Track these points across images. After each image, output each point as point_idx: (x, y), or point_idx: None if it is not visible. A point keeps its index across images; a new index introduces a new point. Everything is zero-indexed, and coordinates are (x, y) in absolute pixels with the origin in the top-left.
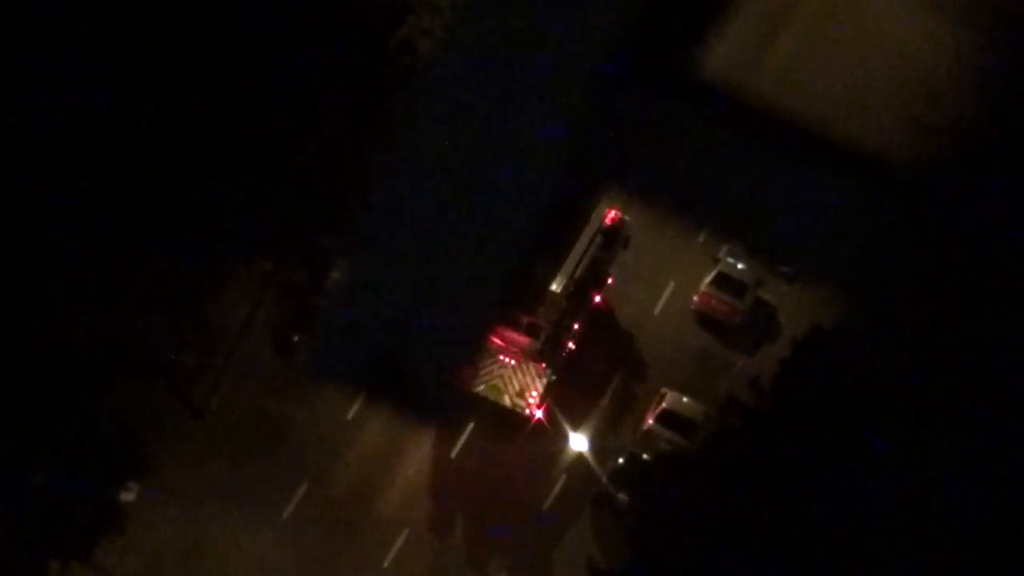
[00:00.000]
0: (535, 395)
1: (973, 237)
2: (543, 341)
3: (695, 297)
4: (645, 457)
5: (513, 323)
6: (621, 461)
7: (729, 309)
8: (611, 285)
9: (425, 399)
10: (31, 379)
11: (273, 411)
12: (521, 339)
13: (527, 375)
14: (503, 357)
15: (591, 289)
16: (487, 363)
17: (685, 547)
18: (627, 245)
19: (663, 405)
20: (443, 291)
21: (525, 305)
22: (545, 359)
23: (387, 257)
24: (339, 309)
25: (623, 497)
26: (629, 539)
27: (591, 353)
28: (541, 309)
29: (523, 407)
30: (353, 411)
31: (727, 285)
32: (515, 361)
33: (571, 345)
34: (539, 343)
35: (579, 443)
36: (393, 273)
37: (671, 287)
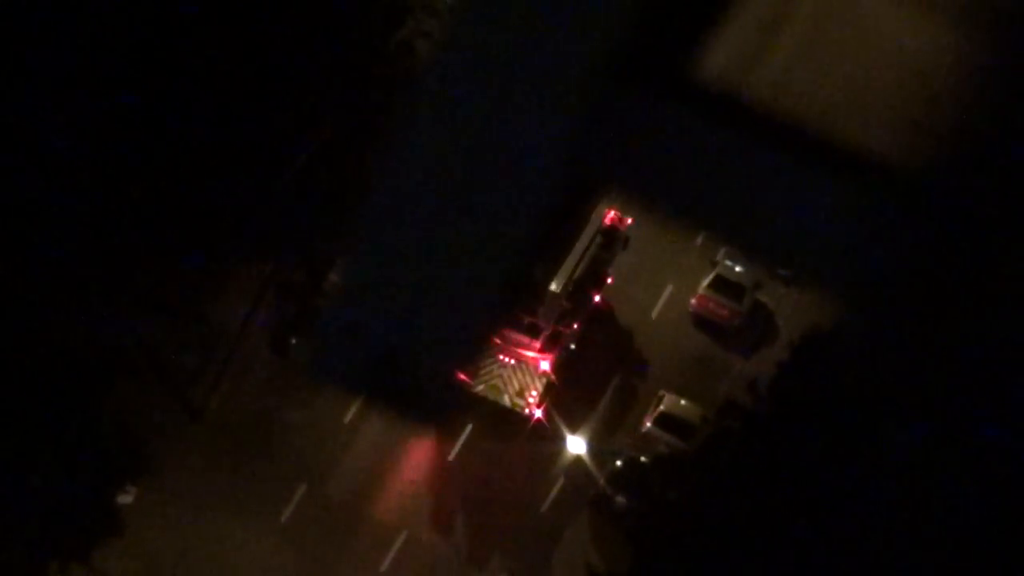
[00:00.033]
0: (535, 395)
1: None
2: (543, 341)
3: (693, 300)
4: (643, 460)
5: (513, 323)
6: (619, 464)
7: (727, 312)
8: (610, 285)
9: (424, 401)
10: (30, 380)
11: (272, 413)
12: (521, 339)
13: (526, 375)
14: (503, 357)
15: (591, 289)
16: (487, 363)
17: (683, 550)
18: (627, 245)
19: (661, 408)
20: (443, 292)
21: (525, 305)
22: (545, 358)
23: (386, 258)
24: (338, 310)
25: (621, 500)
26: (627, 542)
27: (590, 353)
28: (541, 309)
29: (523, 407)
30: (351, 413)
31: (725, 288)
32: (514, 361)
33: (571, 345)
34: (539, 343)
35: (577, 446)
36: (392, 275)
37: (669, 290)
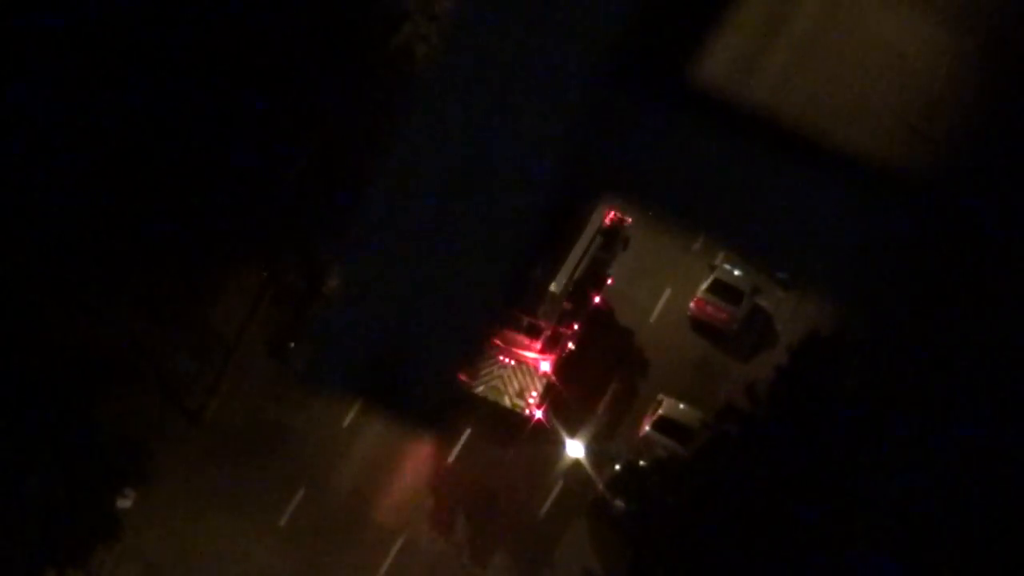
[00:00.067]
0: (535, 395)
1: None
2: (543, 341)
3: (691, 304)
4: (642, 464)
5: (513, 323)
6: (618, 468)
7: (725, 316)
8: (610, 286)
9: (422, 404)
10: (28, 384)
11: (270, 417)
12: (521, 339)
13: (527, 375)
14: (502, 358)
15: (590, 290)
16: (487, 364)
17: (682, 554)
18: (627, 246)
19: (660, 412)
20: (441, 294)
21: (525, 305)
22: (545, 359)
23: (384, 262)
24: (336, 315)
25: (619, 503)
26: (626, 546)
27: (590, 354)
28: (541, 309)
29: (523, 407)
30: (350, 417)
31: (723, 292)
32: (514, 362)
33: (570, 346)
34: (539, 343)
35: (576, 450)
36: (390, 278)
37: (667, 294)
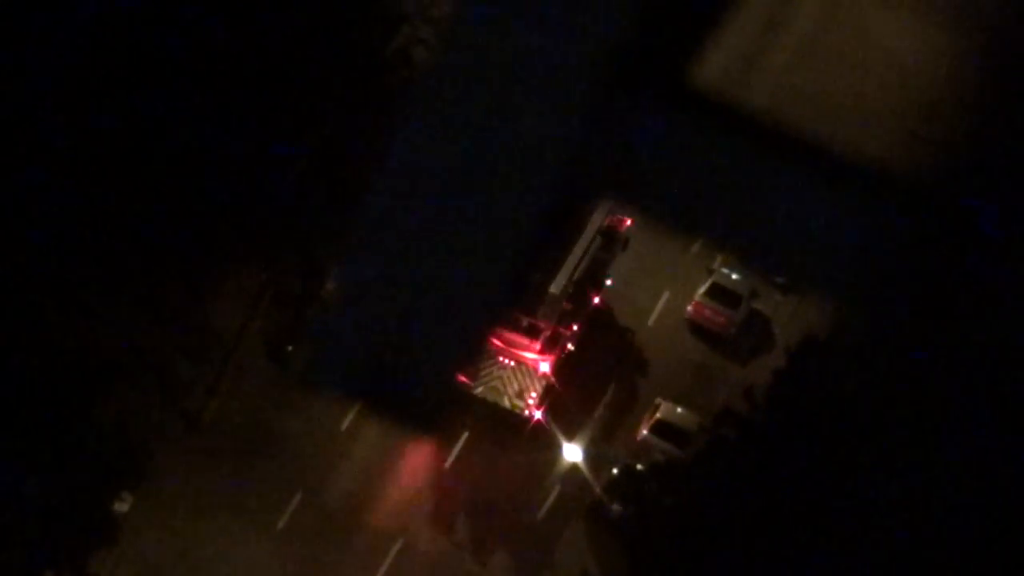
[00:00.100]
0: (534, 396)
1: (970, 245)
2: (542, 342)
3: (689, 308)
4: (639, 467)
5: (512, 324)
6: (615, 471)
7: (723, 320)
8: (609, 287)
9: (420, 407)
10: (27, 386)
11: (268, 420)
12: (520, 340)
13: (526, 376)
14: (502, 358)
15: (590, 290)
16: (486, 364)
17: (679, 557)
18: (626, 246)
19: (657, 415)
20: (440, 298)
21: (524, 306)
22: (544, 360)
23: (383, 265)
24: (335, 318)
25: (617, 507)
26: (623, 549)
27: (589, 355)
28: (541, 310)
29: (522, 408)
30: (347, 421)
31: (721, 296)
32: (514, 362)
33: (570, 346)
34: (538, 344)
35: (573, 453)
36: (389, 281)
37: (665, 297)
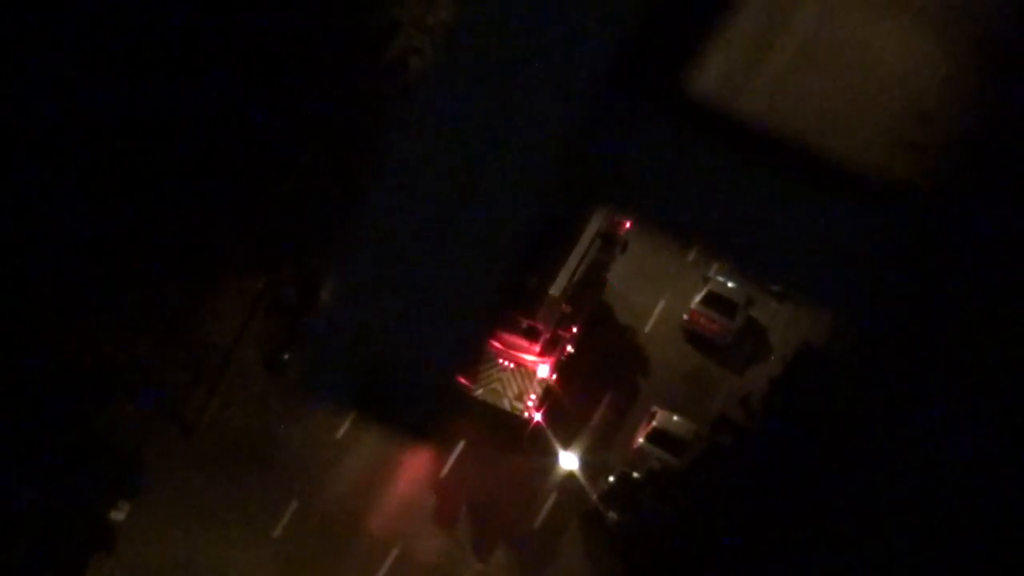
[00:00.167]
0: (533, 398)
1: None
2: (542, 344)
3: (685, 315)
4: (635, 476)
5: (512, 326)
6: (611, 480)
7: (719, 328)
8: (607, 290)
9: (417, 416)
10: (22, 397)
11: (263, 429)
12: (520, 342)
13: (525, 379)
14: (501, 361)
15: (589, 292)
16: (486, 367)
17: (676, 566)
18: (625, 249)
19: (653, 424)
20: (437, 306)
21: (524, 309)
22: (544, 362)
23: (379, 274)
24: (331, 326)
25: (613, 515)
26: (620, 557)
27: (586, 360)
28: (540, 312)
29: (521, 410)
30: (343, 429)
31: (717, 304)
32: (513, 365)
33: (569, 349)
34: (538, 346)
35: (569, 461)
36: (385, 289)
37: (661, 305)
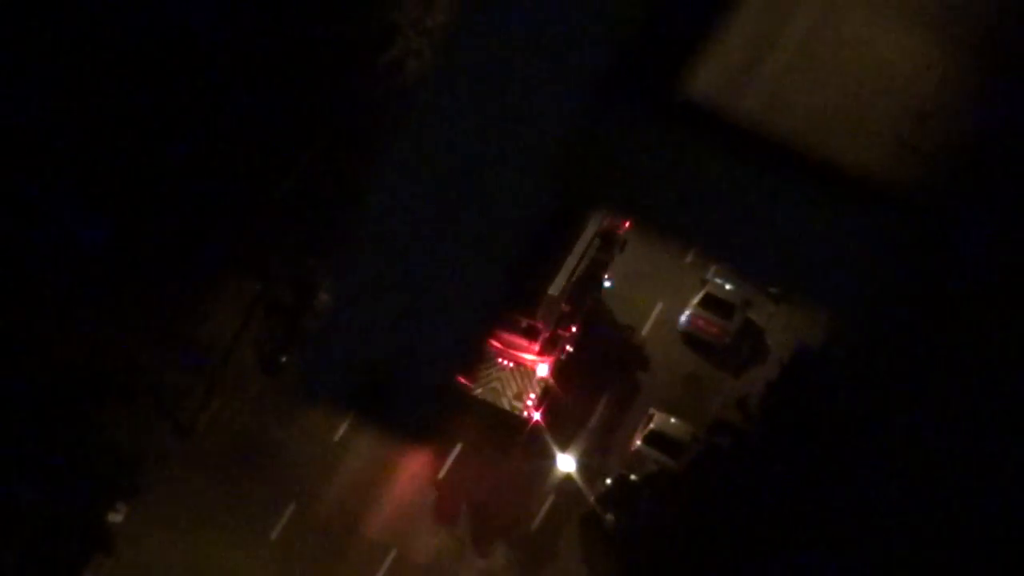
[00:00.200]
0: (533, 398)
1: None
2: (541, 343)
3: (683, 318)
4: (633, 478)
5: (511, 326)
6: (609, 482)
7: (717, 330)
8: (607, 289)
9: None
10: (20, 400)
11: (261, 431)
12: (519, 342)
13: (525, 378)
14: (501, 360)
15: (588, 292)
16: (485, 366)
17: (673, 568)
18: (624, 248)
19: (651, 426)
20: (435, 308)
21: (523, 308)
22: (543, 361)
23: (376, 276)
24: (327, 329)
25: (611, 518)
26: (617, 559)
27: (585, 359)
28: (540, 312)
29: (521, 409)
30: (341, 431)
31: (715, 306)
32: (512, 364)
33: (568, 348)
34: (537, 345)
35: (567, 464)
36: (383, 291)
37: (659, 308)
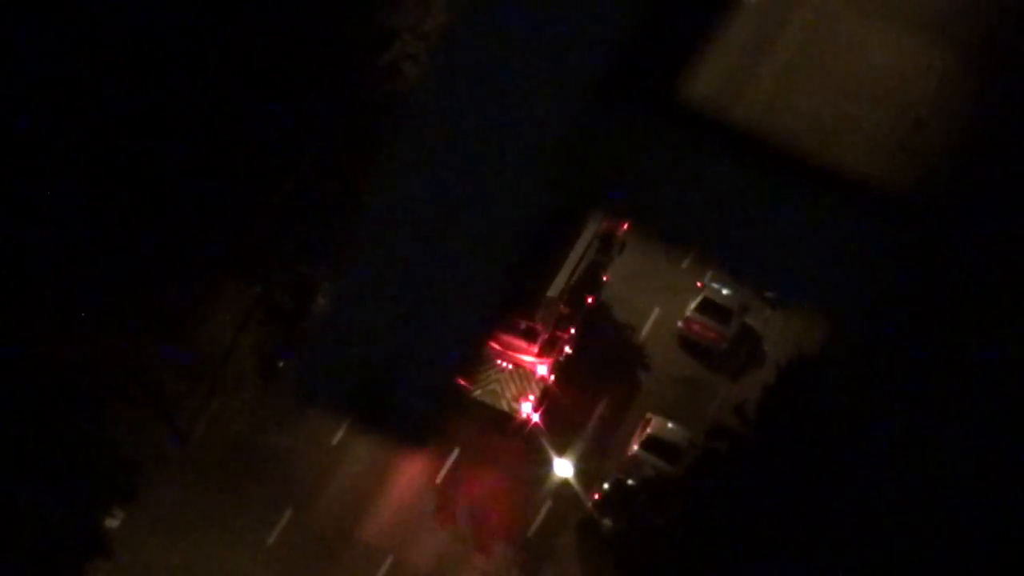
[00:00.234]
0: (532, 399)
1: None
2: (540, 345)
3: (680, 322)
4: (630, 483)
5: (510, 328)
6: (606, 487)
7: (714, 335)
8: (606, 290)
9: (411, 423)
10: (17, 404)
11: (258, 436)
12: (518, 343)
13: (524, 379)
14: (500, 362)
15: (587, 293)
16: (484, 368)
17: (671, 573)
18: (623, 249)
19: (648, 431)
20: (432, 313)
21: (522, 310)
22: (542, 363)
23: (377, 277)
24: (325, 334)
25: (608, 523)
26: (614, 565)
27: (586, 358)
28: (539, 313)
29: (519, 411)
30: (338, 436)
31: (712, 311)
32: (512, 366)
33: (567, 350)
34: (536, 347)
35: (564, 469)
36: (383, 293)
37: (656, 313)
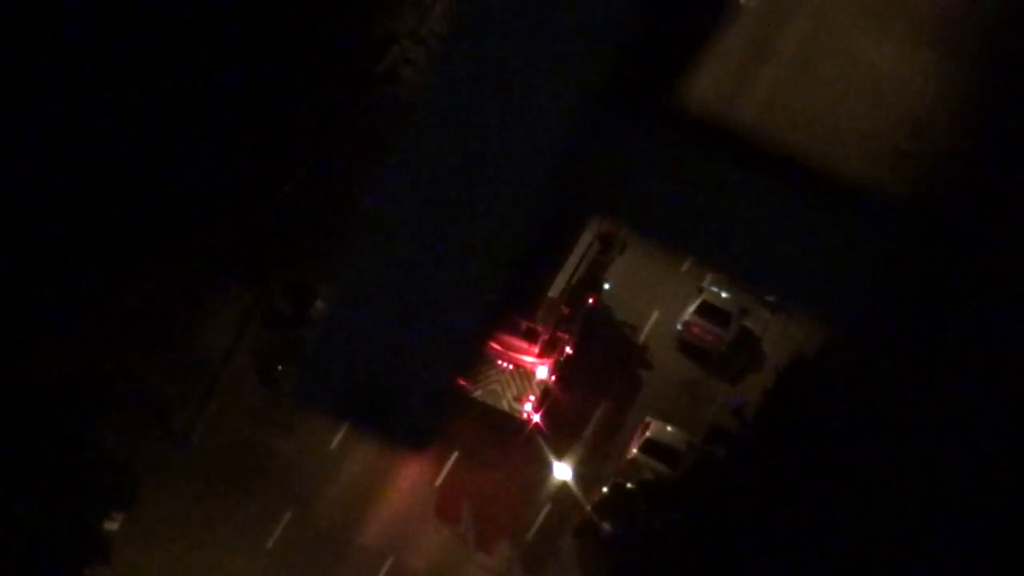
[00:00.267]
0: (532, 400)
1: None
2: (541, 345)
3: (679, 326)
4: (629, 486)
5: (511, 328)
6: (605, 490)
7: (713, 338)
8: (606, 291)
9: (410, 425)
10: (16, 409)
11: (257, 440)
12: (519, 344)
13: (524, 380)
14: (501, 362)
15: (588, 293)
16: (485, 368)
17: None
18: (623, 250)
19: (647, 434)
20: (432, 316)
21: (523, 310)
22: (543, 363)
23: (373, 283)
24: (324, 338)
25: (607, 526)
26: (614, 568)
27: (586, 358)
28: (539, 314)
29: (520, 411)
30: (337, 440)
31: (711, 314)
32: (512, 366)
33: (568, 350)
34: (537, 347)
35: (563, 472)
36: (382, 296)
37: (655, 316)
